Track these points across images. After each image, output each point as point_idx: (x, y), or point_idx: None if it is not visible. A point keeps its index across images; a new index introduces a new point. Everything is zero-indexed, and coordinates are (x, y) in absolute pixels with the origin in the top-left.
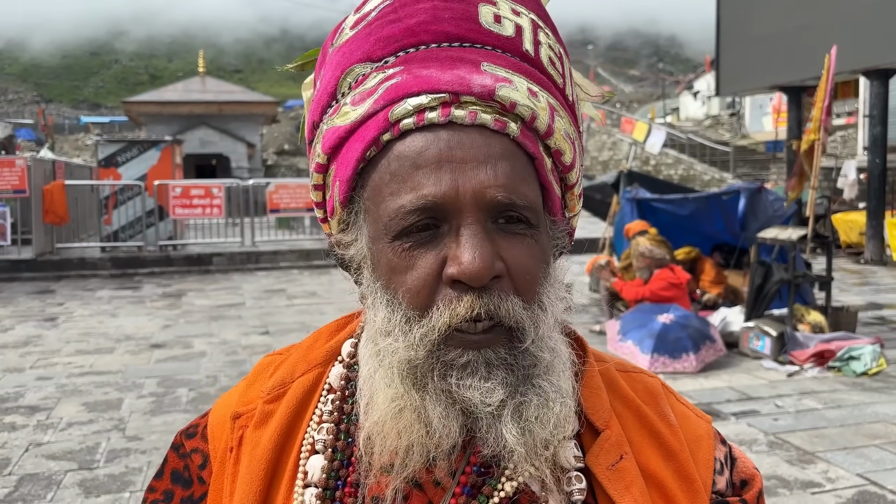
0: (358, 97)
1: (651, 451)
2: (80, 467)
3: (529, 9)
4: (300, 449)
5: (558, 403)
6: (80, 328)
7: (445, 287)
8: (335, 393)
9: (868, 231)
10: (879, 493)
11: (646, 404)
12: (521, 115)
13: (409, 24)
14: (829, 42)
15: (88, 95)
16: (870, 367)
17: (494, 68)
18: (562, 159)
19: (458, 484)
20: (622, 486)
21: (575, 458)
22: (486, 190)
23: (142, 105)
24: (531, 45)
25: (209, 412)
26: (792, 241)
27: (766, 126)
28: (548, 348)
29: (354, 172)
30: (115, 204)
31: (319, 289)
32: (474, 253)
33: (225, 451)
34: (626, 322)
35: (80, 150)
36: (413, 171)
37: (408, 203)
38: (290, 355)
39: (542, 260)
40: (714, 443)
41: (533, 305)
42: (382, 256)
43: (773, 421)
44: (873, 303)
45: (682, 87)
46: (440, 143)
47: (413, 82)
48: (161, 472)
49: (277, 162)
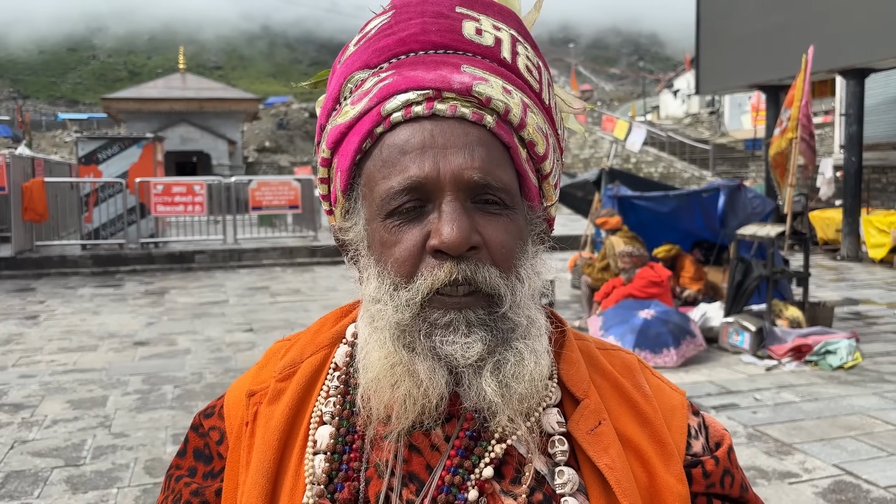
0: (356, 97)
1: (627, 418)
2: (66, 464)
3: (510, 25)
4: (310, 421)
5: (532, 362)
6: (63, 326)
7: (429, 257)
8: (340, 370)
9: (844, 228)
10: (854, 483)
11: (623, 377)
12: (496, 108)
13: (402, 36)
14: (807, 41)
15: (66, 92)
16: (845, 361)
17: (473, 69)
18: (535, 150)
19: (452, 447)
20: (601, 448)
21: (558, 423)
22: (464, 171)
23: (121, 102)
24: (509, 53)
25: (224, 394)
26: (770, 237)
27: (745, 124)
28: (524, 315)
29: (353, 163)
30: (96, 201)
31: (303, 286)
32: (452, 225)
33: (241, 426)
34: (607, 318)
35: (58, 146)
36: (401, 157)
37: (396, 184)
38: (298, 340)
39: (518, 237)
40: (687, 412)
41: (511, 276)
42: (376, 234)
43: (752, 414)
44: (849, 298)
45: (662, 85)
46: (424, 132)
47: (402, 81)
48: (184, 450)
49: (259, 159)
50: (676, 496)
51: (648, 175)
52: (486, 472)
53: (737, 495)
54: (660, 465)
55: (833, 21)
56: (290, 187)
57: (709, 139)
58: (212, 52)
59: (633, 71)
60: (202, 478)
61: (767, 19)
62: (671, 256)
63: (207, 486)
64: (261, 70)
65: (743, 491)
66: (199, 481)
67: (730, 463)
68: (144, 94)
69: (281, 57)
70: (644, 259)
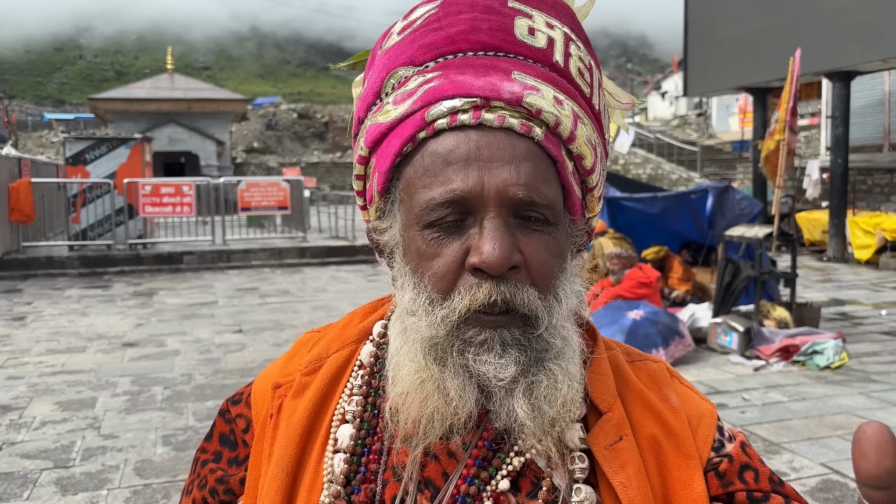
0: (399, 97)
1: (651, 426)
2: (55, 466)
3: (563, 22)
4: (332, 418)
5: (566, 385)
6: (50, 327)
7: (467, 274)
8: (365, 369)
9: (830, 229)
10: (841, 482)
11: (649, 389)
12: (545, 120)
13: (450, 33)
14: (794, 44)
15: (52, 92)
16: (832, 361)
17: (524, 77)
18: (583, 163)
19: (470, 456)
20: (618, 465)
21: (580, 439)
22: (509, 187)
23: (109, 102)
24: (561, 56)
25: (253, 382)
26: (758, 238)
27: (733, 126)
28: (560, 336)
29: (392, 165)
30: (84, 202)
31: (292, 287)
32: (494, 244)
33: (266, 417)
34: (597, 318)
35: (45, 147)
36: (444, 167)
37: (438, 196)
38: (326, 333)
39: (559, 255)
40: (714, 422)
41: (548, 296)
42: (412, 243)
43: (740, 413)
44: (835, 299)
45: (650, 87)
46: (470, 142)
47: (449, 86)
48: (210, 434)
49: (247, 160)
50: None
51: (637, 177)
52: (503, 485)
53: (768, 489)
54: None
55: (820, 24)
56: (279, 188)
57: (696, 141)
58: (200, 52)
59: (622, 73)
60: (227, 463)
61: (755, 22)
62: (660, 257)
63: (232, 474)
64: (249, 70)
65: (776, 485)
66: (224, 467)
67: (748, 457)
68: (132, 94)
69: (269, 57)
70: (632, 260)
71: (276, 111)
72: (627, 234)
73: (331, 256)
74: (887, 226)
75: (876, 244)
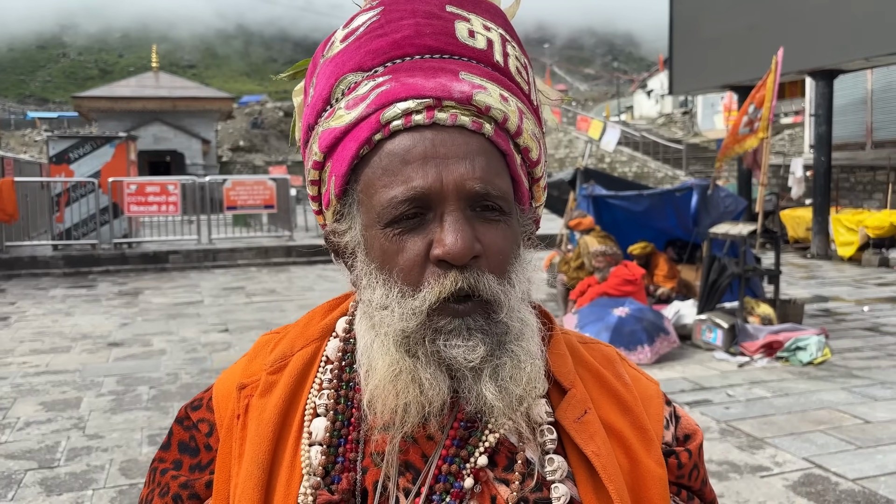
0: (352, 102)
1: (610, 407)
2: (40, 466)
3: (498, 24)
4: (303, 413)
5: (528, 364)
6: (34, 327)
7: (432, 266)
8: (332, 364)
9: (814, 227)
10: (824, 476)
11: (604, 368)
12: (494, 117)
13: (396, 38)
14: (778, 43)
15: (35, 90)
16: (815, 356)
17: (471, 77)
18: (529, 155)
19: (448, 437)
20: (587, 436)
21: (546, 413)
22: (466, 181)
23: (93, 100)
24: (501, 56)
25: (212, 387)
26: (742, 236)
27: (718, 124)
28: (518, 319)
29: (349, 168)
30: (68, 201)
31: (278, 286)
32: (456, 236)
33: (232, 419)
34: (583, 315)
35: (28, 146)
36: (403, 166)
37: (399, 194)
38: (287, 333)
39: (514, 242)
40: (662, 402)
41: (504, 282)
42: (375, 242)
43: (724, 409)
44: (819, 295)
45: (636, 85)
46: (426, 141)
47: (401, 89)
48: (168, 444)
49: (233, 158)
50: (657, 480)
51: (622, 175)
52: (481, 461)
53: (697, 488)
54: (641, 451)
55: (803, 23)
56: (266, 187)
57: (682, 139)
58: (185, 50)
59: (608, 71)
60: (188, 470)
61: (739, 21)
62: (645, 255)
63: (196, 478)
64: (235, 69)
65: (703, 485)
66: (186, 474)
67: (699, 458)
68: (116, 92)
69: (255, 56)
70: (618, 258)
71: (262, 109)
72: (613, 231)
73: (317, 255)
74: (870, 223)
75: (858, 241)
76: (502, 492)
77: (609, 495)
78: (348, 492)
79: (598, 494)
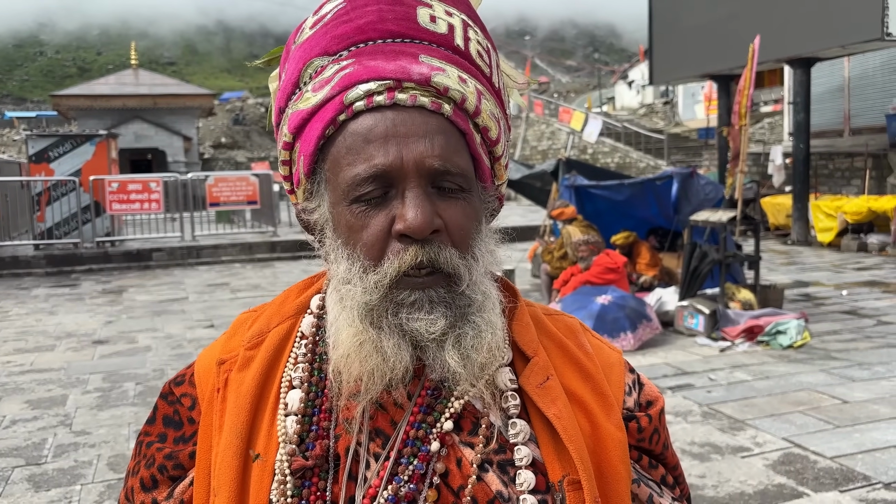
0: (317, 85)
1: (572, 374)
2: (27, 463)
3: (461, 10)
4: (280, 386)
5: (489, 334)
6: (17, 327)
7: (394, 241)
8: (307, 339)
9: (794, 213)
10: (802, 455)
11: (566, 338)
12: (453, 97)
13: (359, 24)
14: (756, 32)
15: (13, 89)
16: (795, 340)
17: (430, 59)
18: (489, 135)
19: (415, 405)
20: (549, 400)
21: (510, 381)
22: (426, 159)
23: (72, 98)
24: (461, 40)
25: (193, 363)
26: (723, 223)
27: (699, 114)
28: (480, 291)
29: (316, 148)
30: (49, 200)
31: (263, 281)
32: (417, 211)
33: (212, 392)
34: (566, 304)
35: (6, 145)
36: (365, 145)
37: (362, 171)
38: (264, 311)
39: (475, 218)
40: (624, 369)
41: (467, 256)
42: (342, 218)
43: (706, 393)
44: (799, 281)
45: (617, 76)
46: (387, 121)
47: (363, 71)
48: (153, 418)
49: (215, 155)
50: (617, 442)
51: (605, 165)
52: (447, 426)
53: (658, 452)
54: (601, 415)
55: (780, 12)
56: (248, 183)
57: (663, 129)
58: (165, 46)
59: (589, 63)
60: (173, 442)
61: (718, 10)
62: (628, 243)
63: (180, 449)
64: (216, 65)
65: (664, 449)
66: (171, 446)
67: (659, 423)
68: (96, 90)
69: (236, 52)
70: (600, 246)
71: (243, 106)
72: (595, 221)
73: (302, 250)
74: (848, 209)
75: (837, 227)
76: (467, 454)
77: (570, 455)
78: (322, 457)
79: (560, 455)
